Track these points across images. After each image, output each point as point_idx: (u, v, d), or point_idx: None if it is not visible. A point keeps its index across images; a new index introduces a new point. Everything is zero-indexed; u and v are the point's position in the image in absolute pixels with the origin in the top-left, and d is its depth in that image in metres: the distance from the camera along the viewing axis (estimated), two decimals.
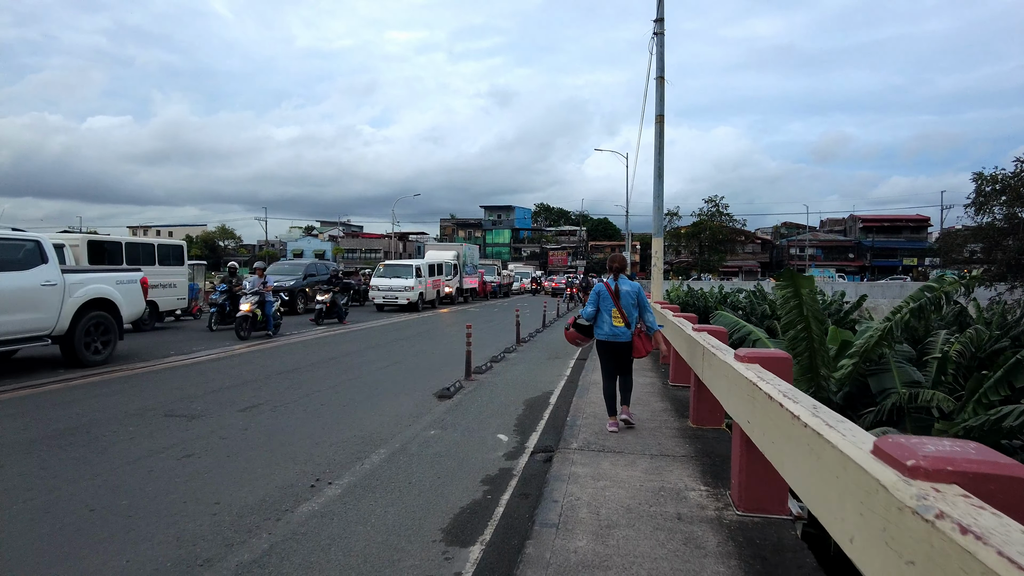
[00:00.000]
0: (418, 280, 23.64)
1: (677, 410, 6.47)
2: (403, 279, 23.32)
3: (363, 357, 11.14)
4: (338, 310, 17.16)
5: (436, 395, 7.77)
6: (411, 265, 24.24)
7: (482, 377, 9.29)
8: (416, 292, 23.27)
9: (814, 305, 8.62)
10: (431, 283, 25.54)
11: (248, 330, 13.04)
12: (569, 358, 11.54)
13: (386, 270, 24.24)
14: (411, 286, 23.11)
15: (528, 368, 10.30)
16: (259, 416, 6.55)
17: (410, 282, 23.22)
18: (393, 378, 9.08)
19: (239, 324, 12.97)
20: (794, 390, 2.74)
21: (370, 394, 7.86)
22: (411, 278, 23.38)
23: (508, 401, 7.56)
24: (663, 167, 12.02)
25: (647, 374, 8.97)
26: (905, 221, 77.82)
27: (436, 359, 11.12)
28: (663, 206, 11.98)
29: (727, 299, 22.11)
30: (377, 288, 23.39)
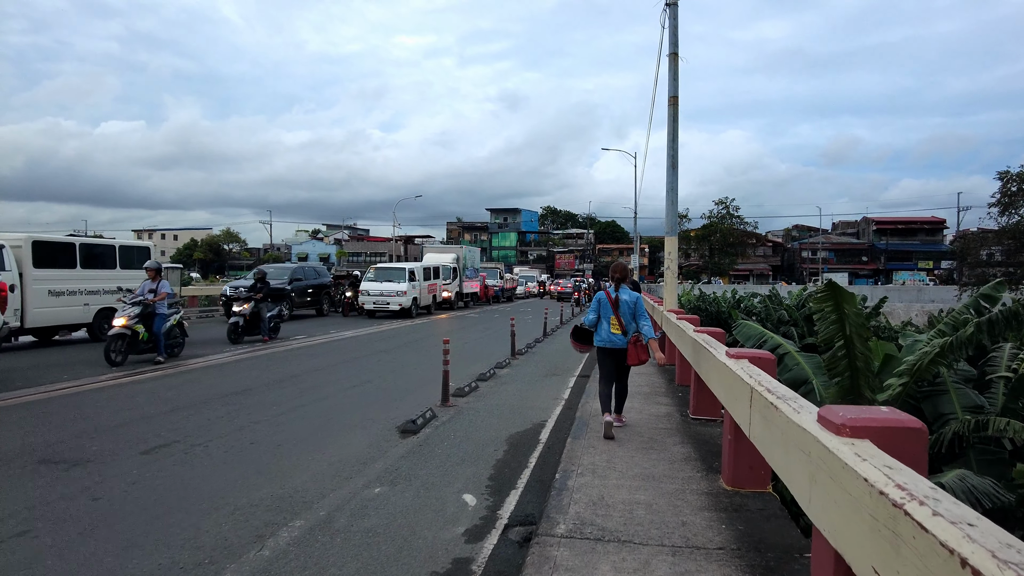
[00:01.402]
0: (411, 285, 22.06)
1: (703, 459, 4.92)
2: (395, 283, 21.71)
3: (331, 375, 9.65)
4: (262, 325, 13.56)
5: (399, 429, 6.27)
6: (403, 268, 22.57)
7: (462, 402, 7.78)
8: (409, 297, 21.73)
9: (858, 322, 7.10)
10: (427, 288, 23.97)
11: (123, 352, 9.85)
12: (569, 375, 10.01)
13: (377, 274, 22.64)
14: (403, 291, 21.52)
15: (520, 389, 8.78)
16: (164, 461, 5.08)
17: (402, 287, 21.62)
18: (355, 404, 7.59)
19: (109, 345, 9.81)
20: None
21: (318, 427, 6.36)
22: (403, 282, 21.77)
23: (487, 438, 6.04)
24: (677, 155, 10.50)
25: (660, 400, 7.42)
26: (920, 223, 75.95)
27: (416, 376, 9.62)
28: (677, 200, 10.46)
29: (741, 304, 20.62)
30: (367, 293, 21.75)
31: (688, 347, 6.17)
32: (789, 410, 2.47)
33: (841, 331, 6.98)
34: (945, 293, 44.42)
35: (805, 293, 20.09)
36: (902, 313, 32.00)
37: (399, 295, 21.49)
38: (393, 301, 21.45)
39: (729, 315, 17.15)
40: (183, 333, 11.35)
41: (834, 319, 7.01)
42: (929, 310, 30.99)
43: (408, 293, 21.67)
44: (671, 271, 10.43)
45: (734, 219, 72.62)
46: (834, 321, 7.02)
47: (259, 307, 13.66)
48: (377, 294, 21.60)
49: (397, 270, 22.68)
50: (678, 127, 10.56)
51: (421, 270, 23.63)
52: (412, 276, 22.47)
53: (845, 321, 6.90)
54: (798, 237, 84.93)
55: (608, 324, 5.88)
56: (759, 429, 2.98)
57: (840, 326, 6.98)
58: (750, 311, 18.63)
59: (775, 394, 2.79)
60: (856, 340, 6.97)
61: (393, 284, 21.70)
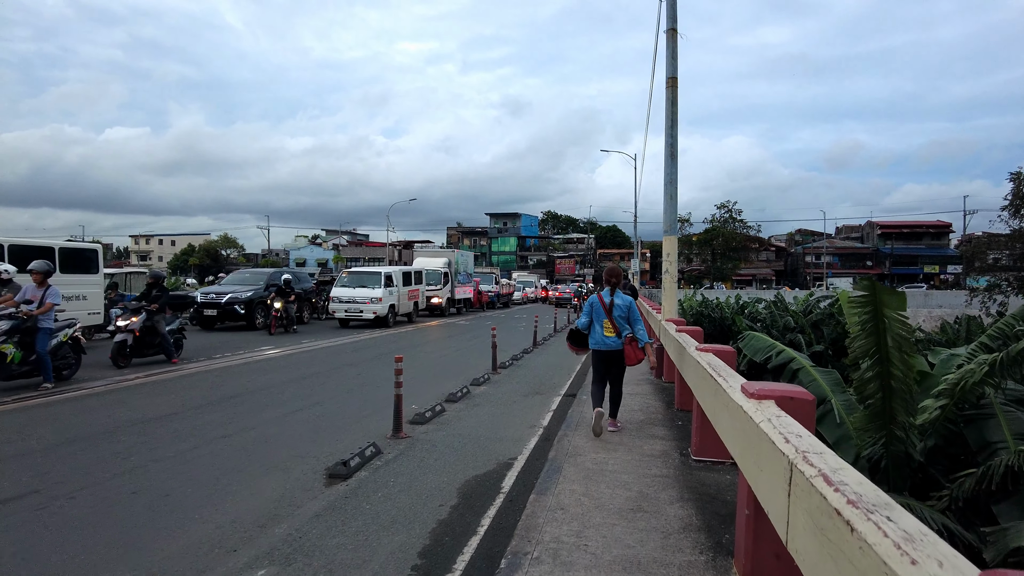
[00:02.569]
0: (388, 290, 20.09)
1: (709, 528, 3.65)
2: (369, 289, 19.73)
3: (278, 395, 8.40)
4: (163, 343, 10.86)
5: (328, 473, 5.01)
6: (379, 273, 20.49)
7: (420, 431, 6.51)
8: (385, 304, 19.76)
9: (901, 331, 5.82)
10: (408, 294, 21.99)
11: None
12: (554, 394, 8.74)
13: (350, 278, 20.57)
14: (378, 297, 19.54)
15: (493, 413, 7.50)
16: (4, 521, 3.84)
17: (377, 292, 19.63)
18: (291, 434, 6.33)
19: None
20: None
21: (229, 469, 5.11)
22: (378, 288, 19.75)
23: (435, 486, 4.77)
24: (677, 144, 9.25)
25: (655, 431, 6.15)
26: (925, 227, 74.81)
27: (377, 397, 8.36)
28: (677, 194, 9.21)
29: (745, 310, 19.36)
30: (338, 300, 19.76)
31: (690, 370, 4.92)
32: (893, 554, 1.21)
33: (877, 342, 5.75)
34: (953, 298, 43.10)
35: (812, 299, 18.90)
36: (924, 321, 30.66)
37: (373, 302, 19.52)
38: (367, 309, 19.48)
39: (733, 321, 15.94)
40: (78, 351, 9.38)
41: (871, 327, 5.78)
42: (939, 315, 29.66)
43: (384, 300, 19.73)
44: (670, 275, 9.17)
45: (737, 223, 71.36)
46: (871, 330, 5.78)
47: (154, 320, 10.71)
48: (348, 301, 19.65)
49: (371, 274, 20.67)
50: (677, 112, 9.32)
51: (400, 274, 21.59)
52: (389, 281, 20.53)
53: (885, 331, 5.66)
54: (801, 241, 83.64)
55: (601, 327, 6.00)
56: (809, 545, 1.72)
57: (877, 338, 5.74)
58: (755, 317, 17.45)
59: (844, 492, 1.53)
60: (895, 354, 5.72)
61: (367, 290, 19.72)
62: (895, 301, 5.77)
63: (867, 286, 5.87)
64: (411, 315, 22.52)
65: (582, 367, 11.41)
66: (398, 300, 20.90)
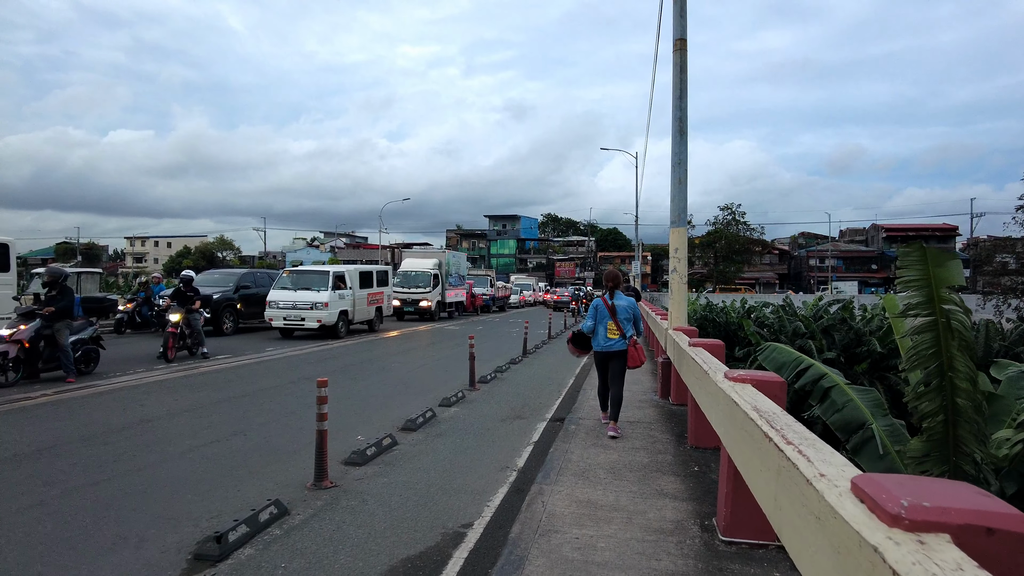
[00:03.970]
0: (338, 294, 16.67)
1: None
2: (313, 292, 16.23)
3: (194, 422, 6.86)
4: (62, 357, 8.94)
5: (193, 554, 3.48)
6: (326, 272, 16.99)
7: (355, 475, 4.97)
8: (333, 311, 16.27)
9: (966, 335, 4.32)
10: (367, 297, 18.56)
11: None
12: (538, 418, 7.19)
13: (291, 279, 17.09)
14: (323, 302, 16.02)
15: (458, 447, 5.94)
16: None
17: (323, 296, 16.10)
18: (178, 481, 4.78)
19: None
20: None
21: (60, 540, 3.57)
22: (324, 290, 16.26)
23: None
24: (686, 118, 7.73)
25: (665, 485, 4.61)
26: (932, 230, 73.43)
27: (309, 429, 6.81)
28: (687, 177, 7.67)
29: (751, 314, 17.90)
30: (275, 305, 16.17)
31: (722, 412, 3.37)
32: None
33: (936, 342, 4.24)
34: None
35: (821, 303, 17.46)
36: None
37: (318, 307, 16.04)
38: (310, 316, 16.00)
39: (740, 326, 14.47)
40: None
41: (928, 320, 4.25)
42: None
43: (332, 305, 16.25)
44: (679, 274, 7.60)
45: (740, 225, 69.84)
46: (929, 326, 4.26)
47: (54, 328, 8.92)
48: (289, 306, 16.14)
49: (317, 274, 17.25)
50: (687, 81, 7.80)
51: (356, 275, 18.09)
52: (339, 282, 17.05)
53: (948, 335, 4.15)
54: (805, 245, 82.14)
55: (605, 329, 6.09)
56: None
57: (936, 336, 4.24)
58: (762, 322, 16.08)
59: None
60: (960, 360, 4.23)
61: (311, 293, 16.24)
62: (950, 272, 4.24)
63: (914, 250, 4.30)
64: (373, 322, 19.20)
65: (575, 382, 9.87)
66: (353, 305, 17.57)
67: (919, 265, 4.23)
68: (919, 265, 4.23)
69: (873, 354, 13.42)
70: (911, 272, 4.20)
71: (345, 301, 17.10)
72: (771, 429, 2.31)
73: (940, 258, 4.16)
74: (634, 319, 6.12)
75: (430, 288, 24.51)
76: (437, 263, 25.77)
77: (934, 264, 4.17)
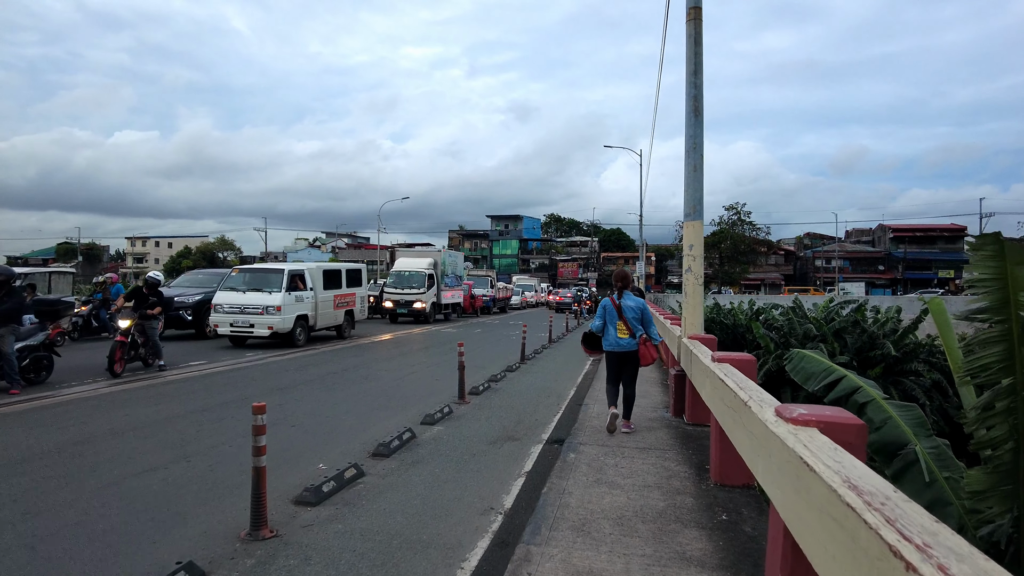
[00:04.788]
0: (294, 295, 14.39)
1: None
2: (264, 294, 14.00)
3: (129, 444, 5.94)
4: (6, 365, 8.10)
5: None
6: (280, 271, 14.65)
7: (304, 520, 4.03)
8: (288, 315, 14.05)
9: None
10: (333, 299, 16.22)
11: None
12: (533, 439, 6.24)
13: (240, 279, 14.79)
14: (275, 305, 13.82)
15: (434, 480, 4.99)
16: None
17: (275, 298, 13.90)
18: (79, 532, 3.85)
19: None
20: None
21: None
22: (277, 292, 14.04)
23: None
24: (702, 97, 6.78)
25: (686, 542, 3.66)
26: (939, 230, 72.37)
27: (237, 464, 5.90)
28: (703, 164, 6.73)
29: (760, 316, 16.98)
30: (221, 309, 14.00)
31: (769, 461, 2.42)
32: None
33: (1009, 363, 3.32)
34: None
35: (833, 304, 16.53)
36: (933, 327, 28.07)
37: (270, 312, 13.78)
38: (260, 322, 13.72)
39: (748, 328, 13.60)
40: None
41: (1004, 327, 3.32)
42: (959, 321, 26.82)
43: (286, 308, 13.98)
44: (694, 274, 6.65)
45: (746, 225, 68.72)
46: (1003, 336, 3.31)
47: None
48: (236, 310, 13.88)
49: (269, 273, 14.79)
50: (702, 55, 6.86)
51: (319, 274, 15.71)
52: (297, 283, 14.71)
53: None
54: (810, 245, 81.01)
55: (615, 329, 6.20)
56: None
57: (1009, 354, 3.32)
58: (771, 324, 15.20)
59: None
60: None
61: (262, 295, 13.99)
62: None
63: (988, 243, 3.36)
64: (342, 328, 16.84)
65: (576, 393, 8.94)
66: (315, 309, 15.28)
67: (993, 262, 3.29)
68: (993, 262, 3.29)
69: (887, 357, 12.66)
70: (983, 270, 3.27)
71: (304, 304, 14.84)
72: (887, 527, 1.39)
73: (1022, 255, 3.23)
74: (643, 319, 6.17)
75: (424, 289, 23.42)
76: (432, 263, 24.73)
77: (1013, 262, 3.23)
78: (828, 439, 2.15)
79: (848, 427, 2.31)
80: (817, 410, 2.44)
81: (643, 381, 9.48)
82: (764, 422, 2.52)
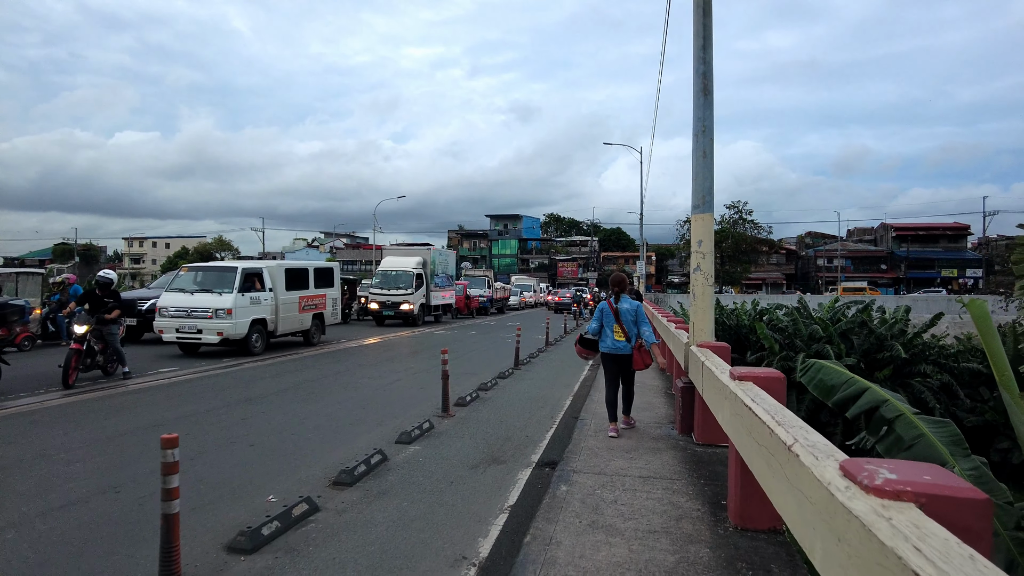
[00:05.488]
0: (249, 297, 12.81)
1: None
2: (214, 295, 12.44)
3: (77, 465, 5.18)
4: None
5: None
6: (233, 269, 13.02)
7: (235, 573, 3.28)
8: (242, 320, 12.47)
9: None
10: (301, 301, 14.63)
11: None
12: (522, 461, 5.48)
13: (189, 278, 13.22)
14: (226, 308, 12.23)
15: (399, 519, 4.21)
16: None
17: (225, 300, 12.31)
18: None
19: None
20: None
21: None
22: (229, 293, 12.42)
23: None
24: (711, 74, 6.02)
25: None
26: (942, 229, 71.65)
27: (209, 481, 5.15)
28: (713, 150, 5.97)
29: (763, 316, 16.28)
30: (166, 312, 12.39)
31: (830, 537, 1.66)
32: None
33: None
34: None
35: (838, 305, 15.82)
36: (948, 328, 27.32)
37: (219, 315, 12.19)
38: (208, 327, 12.14)
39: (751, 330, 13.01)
40: None
41: None
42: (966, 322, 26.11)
43: (238, 312, 12.37)
44: (703, 273, 5.87)
45: (747, 224, 67.90)
46: None
47: None
48: (183, 314, 12.29)
49: (221, 272, 13.17)
50: (711, 27, 6.09)
51: (281, 273, 14.03)
52: (254, 283, 13.14)
53: None
54: (812, 244, 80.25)
55: (611, 332, 6.22)
56: None
57: None
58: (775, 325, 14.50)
59: None
60: None
61: (210, 297, 12.42)
62: None
63: None
64: (310, 333, 15.22)
65: (572, 403, 8.18)
66: (274, 312, 13.64)
67: None
68: None
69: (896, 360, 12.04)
70: None
71: (262, 307, 13.18)
72: None
73: None
74: (637, 320, 6.21)
75: (412, 289, 22.12)
76: (421, 262, 23.49)
77: None
78: (940, 528, 1.39)
79: (965, 503, 1.54)
80: (907, 470, 1.66)
81: (645, 390, 8.72)
82: (826, 485, 1.75)
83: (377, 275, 22.98)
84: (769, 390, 3.34)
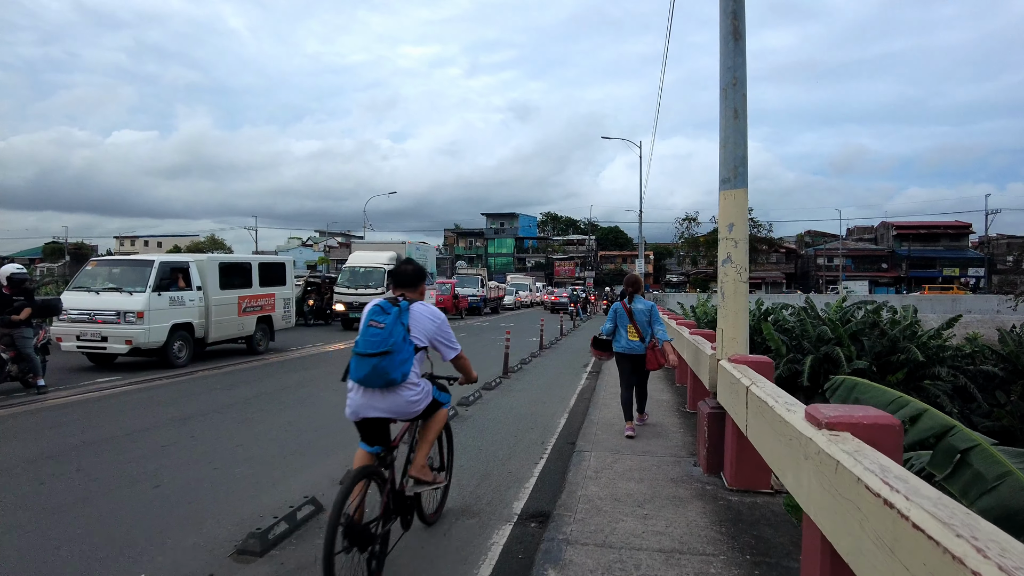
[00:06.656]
0: (168, 297, 10.72)
1: None
2: (123, 295, 10.32)
3: None
4: None
5: None
6: (148, 263, 10.79)
7: None
8: (157, 327, 10.37)
9: None
10: (241, 302, 12.61)
11: None
12: (501, 516, 4.14)
13: (97, 275, 10.97)
14: (136, 311, 10.12)
15: None
16: None
17: (136, 302, 10.20)
18: None
19: None
20: None
21: None
22: (141, 292, 10.31)
23: None
24: (743, 13, 4.72)
25: None
26: (944, 228, 70.92)
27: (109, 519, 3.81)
28: (746, 110, 4.66)
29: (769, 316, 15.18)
30: (70, 315, 10.20)
31: None
32: None
33: None
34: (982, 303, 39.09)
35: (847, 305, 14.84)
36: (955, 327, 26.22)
37: (128, 320, 10.07)
38: (115, 333, 10.08)
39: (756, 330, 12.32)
40: None
41: None
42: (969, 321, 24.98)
43: (152, 315, 10.27)
44: (735, 266, 4.52)
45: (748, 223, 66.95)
46: None
47: None
48: (87, 318, 10.21)
49: (136, 266, 10.99)
50: None
51: (214, 268, 12.00)
52: (174, 280, 11.04)
53: None
54: (812, 243, 79.33)
55: (625, 332, 6.26)
56: None
57: None
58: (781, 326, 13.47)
59: None
60: None
61: (119, 297, 10.30)
62: None
63: None
64: (254, 339, 13.06)
65: (568, 420, 6.87)
66: (204, 315, 11.61)
67: None
68: None
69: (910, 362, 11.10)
70: None
71: (186, 309, 11.11)
72: None
73: None
74: (652, 320, 6.23)
75: (383, 288, 19.33)
76: (394, 257, 20.65)
77: None
78: None
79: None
80: None
81: (655, 408, 7.42)
82: None
83: (343, 272, 20.64)
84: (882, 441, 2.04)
